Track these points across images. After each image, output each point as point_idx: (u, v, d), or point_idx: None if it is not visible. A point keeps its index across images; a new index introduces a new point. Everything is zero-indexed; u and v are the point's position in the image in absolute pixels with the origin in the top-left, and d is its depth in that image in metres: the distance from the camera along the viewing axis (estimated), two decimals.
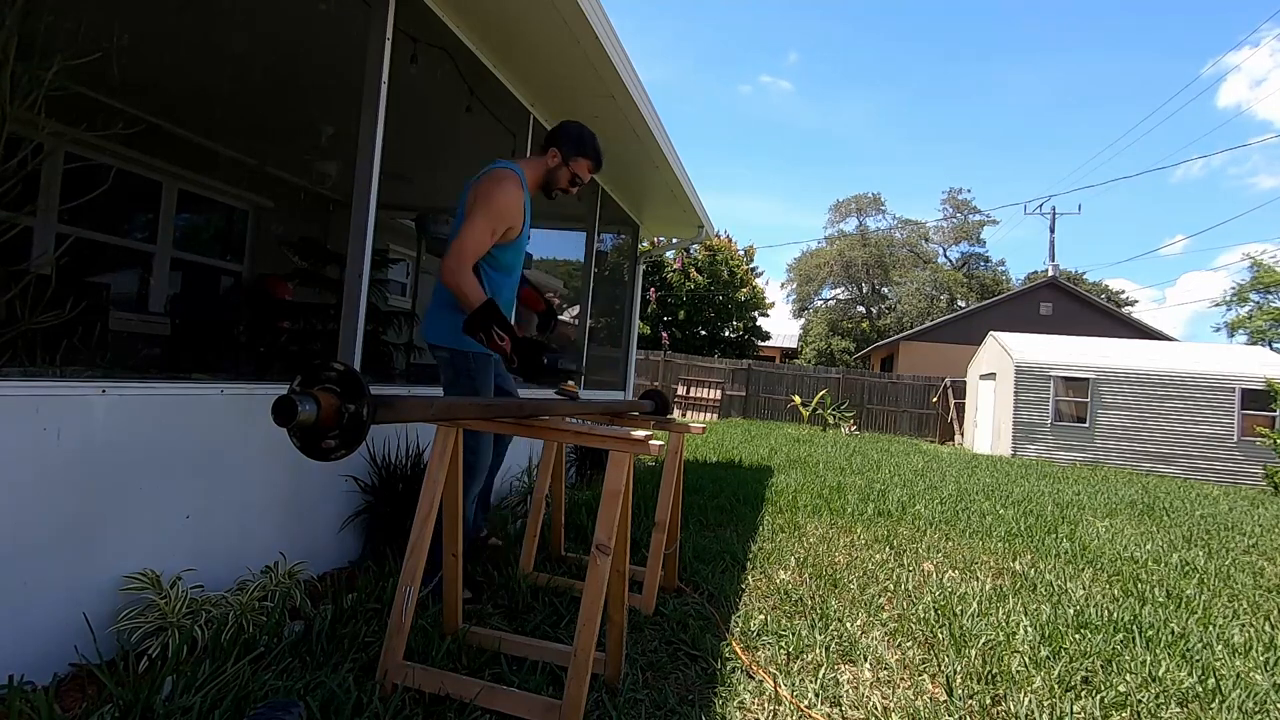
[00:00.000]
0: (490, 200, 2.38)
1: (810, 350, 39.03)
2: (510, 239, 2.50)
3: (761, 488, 5.93)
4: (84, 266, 5.04)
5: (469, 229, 2.34)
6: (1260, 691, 2.35)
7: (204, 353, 5.32)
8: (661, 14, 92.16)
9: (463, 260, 2.31)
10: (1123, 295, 39.50)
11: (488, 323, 2.26)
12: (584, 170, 2.63)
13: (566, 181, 2.61)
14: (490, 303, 2.27)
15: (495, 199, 2.38)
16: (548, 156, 2.59)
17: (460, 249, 2.32)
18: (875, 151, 78.71)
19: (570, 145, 2.58)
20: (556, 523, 3.21)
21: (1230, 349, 16.72)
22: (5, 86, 1.76)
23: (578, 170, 2.61)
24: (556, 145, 2.58)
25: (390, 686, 1.82)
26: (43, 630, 1.74)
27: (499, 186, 2.40)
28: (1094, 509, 6.75)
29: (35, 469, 1.71)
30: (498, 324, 2.26)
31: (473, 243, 2.34)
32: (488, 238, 2.39)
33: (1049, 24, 71.82)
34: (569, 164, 2.59)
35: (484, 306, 2.26)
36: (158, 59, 4.18)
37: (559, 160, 2.58)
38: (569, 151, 2.58)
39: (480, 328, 2.28)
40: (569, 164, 2.59)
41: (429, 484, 1.96)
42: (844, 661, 2.37)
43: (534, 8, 3.23)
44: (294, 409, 1.16)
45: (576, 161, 2.60)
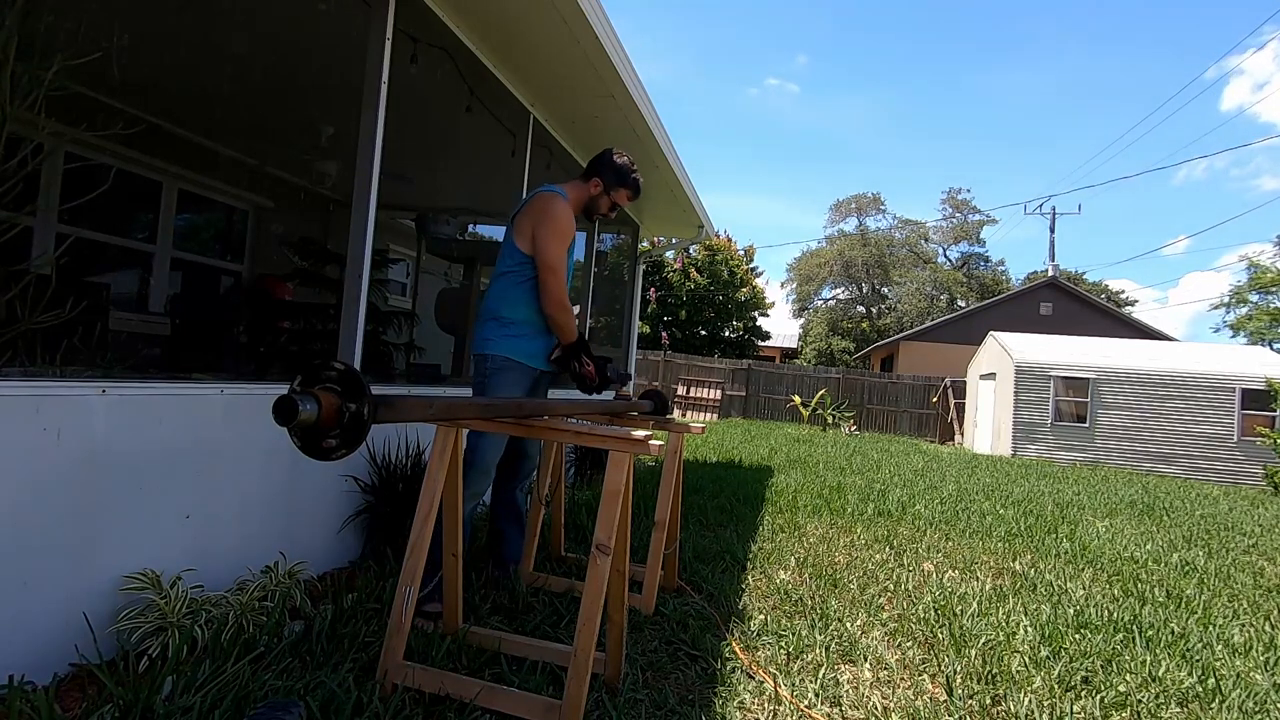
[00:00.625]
0: (554, 219, 2.55)
1: (810, 350, 39.03)
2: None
3: (761, 488, 5.93)
4: (84, 266, 5.04)
5: (547, 251, 2.52)
6: (1260, 691, 2.35)
7: (204, 353, 5.32)
8: (661, 14, 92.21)
9: (560, 282, 2.54)
10: (1123, 295, 39.51)
11: (580, 352, 2.59)
12: (624, 199, 2.83)
13: (607, 208, 2.81)
14: (583, 338, 2.62)
15: (558, 216, 2.56)
16: (590, 185, 2.77)
17: (553, 274, 2.53)
18: (875, 151, 78.76)
19: (613, 176, 2.77)
20: (556, 523, 3.21)
21: (1230, 349, 16.72)
22: (5, 86, 1.76)
23: (618, 200, 2.81)
24: (600, 175, 2.76)
25: (390, 686, 1.82)
26: (43, 630, 1.74)
27: (556, 205, 2.57)
28: (1094, 509, 6.75)
29: (35, 469, 1.71)
30: (586, 353, 2.62)
31: (557, 263, 2.54)
32: (563, 254, 2.57)
33: (1049, 24, 71.85)
34: (610, 193, 2.78)
35: (581, 339, 2.61)
36: (158, 59, 4.18)
37: (600, 189, 2.77)
38: (611, 181, 2.77)
39: (575, 357, 2.60)
40: (610, 193, 2.78)
41: (429, 484, 1.96)
42: (844, 661, 2.37)
43: (534, 8, 3.23)
44: (295, 409, 1.16)
45: (618, 191, 2.80)
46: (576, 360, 2.61)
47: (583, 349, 2.63)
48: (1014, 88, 74.85)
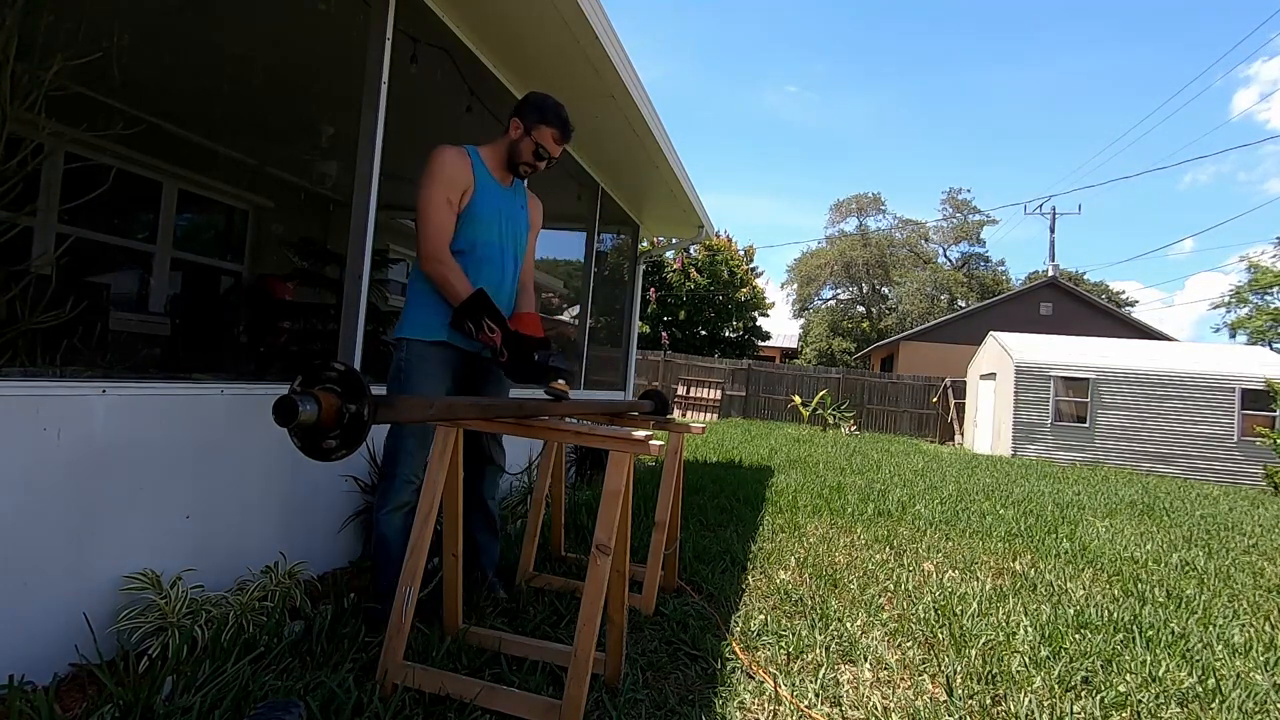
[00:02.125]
0: (428, 173, 2.24)
1: (810, 350, 39.04)
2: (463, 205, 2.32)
3: (761, 488, 5.93)
4: (84, 266, 5.04)
5: (417, 197, 2.22)
6: (1260, 691, 2.35)
7: (204, 353, 5.32)
8: (661, 14, 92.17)
9: (431, 240, 2.19)
10: (1123, 295, 39.52)
11: (478, 313, 2.12)
12: (549, 140, 2.41)
13: (530, 154, 2.40)
14: (481, 292, 2.15)
15: (431, 167, 2.25)
16: (510, 129, 2.41)
17: (422, 220, 2.18)
18: (875, 151, 78.77)
19: (531, 113, 2.39)
20: (556, 523, 3.21)
21: (1230, 349, 16.71)
22: (5, 86, 1.76)
23: (541, 140, 2.39)
24: (517, 115, 2.41)
25: (390, 686, 1.82)
26: (43, 630, 1.74)
27: (431, 157, 2.27)
28: (1094, 509, 6.75)
29: (35, 469, 1.71)
30: (489, 314, 2.13)
31: (433, 217, 2.20)
32: (445, 208, 2.23)
33: (1049, 24, 71.85)
34: (531, 133, 2.39)
35: (476, 295, 2.13)
36: (158, 59, 4.18)
37: (520, 131, 2.39)
38: (530, 119, 2.38)
39: (469, 317, 2.12)
40: (531, 133, 2.39)
41: (429, 484, 1.96)
42: (844, 661, 2.37)
43: (534, 8, 3.23)
44: (295, 409, 1.16)
45: (539, 130, 2.39)
46: (472, 323, 2.14)
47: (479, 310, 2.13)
48: (1014, 87, 74.89)
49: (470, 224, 2.33)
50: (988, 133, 77.77)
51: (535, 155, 2.41)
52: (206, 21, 3.84)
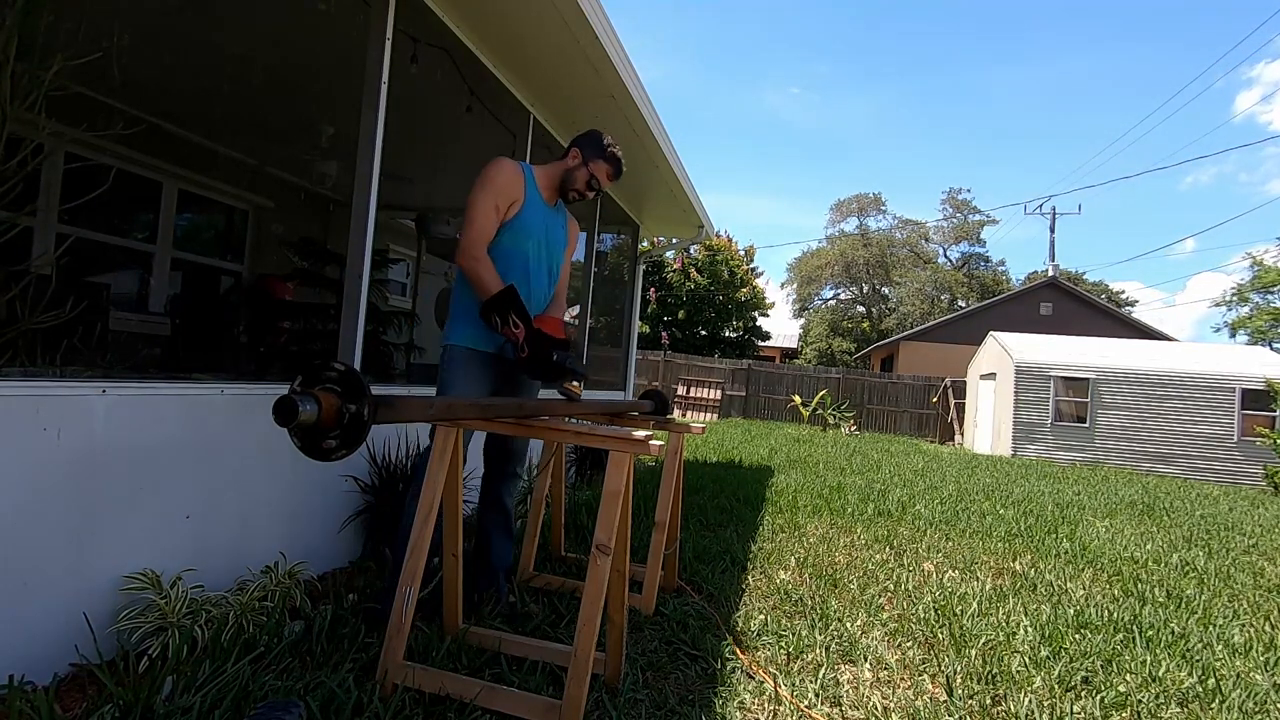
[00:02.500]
0: (484, 179, 2.36)
1: (810, 350, 39.04)
2: (511, 214, 2.43)
3: (761, 488, 5.93)
4: (84, 266, 5.04)
5: (469, 209, 2.34)
6: (1260, 691, 2.35)
7: (204, 353, 5.32)
8: (661, 14, 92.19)
9: (472, 239, 2.31)
10: (1123, 295, 39.51)
11: (505, 308, 2.21)
12: (603, 174, 2.59)
13: (584, 184, 2.57)
14: (512, 288, 2.24)
15: (489, 175, 2.37)
16: (568, 157, 2.58)
17: (468, 224, 2.32)
18: (875, 151, 78.78)
19: (592, 147, 2.57)
20: (556, 523, 3.21)
21: (1230, 349, 16.71)
22: (5, 86, 1.76)
23: (596, 173, 2.57)
24: (578, 146, 2.57)
25: (390, 686, 1.82)
26: (43, 630, 1.74)
27: (490, 166, 2.39)
28: (1094, 509, 6.75)
29: (35, 469, 1.71)
30: (515, 310, 2.22)
31: (479, 220, 2.32)
32: (491, 214, 2.35)
33: (1049, 24, 71.85)
34: (588, 165, 2.56)
35: (506, 291, 2.23)
36: (158, 59, 4.18)
37: (579, 161, 2.56)
38: (590, 153, 2.56)
39: (497, 311, 2.23)
40: (588, 165, 2.56)
41: (429, 484, 1.96)
42: (844, 661, 2.37)
43: (534, 7, 3.23)
44: (295, 409, 1.16)
45: (596, 164, 2.57)
46: (499, 316, 2.23)
47: (507, 305, 2.23)
48: (1014, 87, 74.91)
49: (514, 233, 2.45)
50: (988, 133, 77.82)
51: (588, 185, 2.58)
52: (206, 21, 3.84)
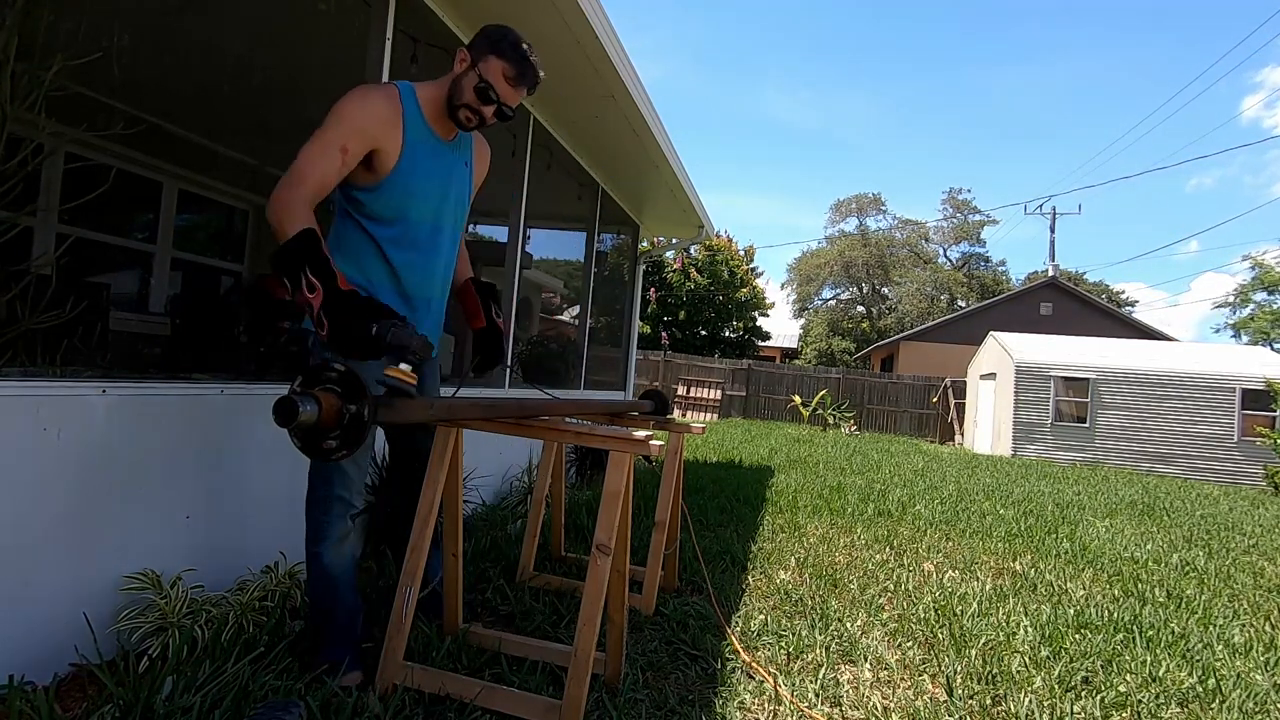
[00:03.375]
0: (331, 111, 1.76)
1: (810, 350, 39.04)
2: (380, 172, 1.83)
3: (762, 488, 5.93)
4: (84, 266, 5.04)
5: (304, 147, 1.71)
6: (1260, 691, 2.35)
7: (204, 353, 5.32)
8: (661, 14, 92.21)
9: (287, 180, 1.66)
10: (1123, 295, 39.52)
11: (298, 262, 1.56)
12: (497, 76, 1.85)
13: (473, 92, 1.85)
14: (310, 233, 1.58)
15: (337, 106, 1.77)
16: (455, 62, 1.91)
17: (291, 175, 1.67)
18: (875, 151, 78.82)
19: (482, 43, 1.88)
20: (556, 523, 3.21)
21: (1230, 349, 16.72)
22: (5, 86, 1.76)
23: (488, 75, 1.84)
24: (467, 47, 1.90)
25: (390, 686, 1.82)
26: (43, 630, 1.74)
27: (348, 95, 1.79)
28: (1094, 509, 6.75)
29: (35, 469, 1.71)
30: (312, 266, 1.55)
31: (306, 160, 1.68)
32: (334, 155, 1.72)
33: (1049, 24, 71.89)
34: (478, 66, 1.85)
35: (299, 236, 1.57)
36: (158, 59, 4.18)
37: (467, 63, 1.87)
38: (478, 51, 1.87)
39: (287, 269, 1.57)
40: (478, 66, 1.85)
41: (429, 485, 1.96)
42: (844, 661, 2.37)
43: (534, 8, 3.23)
44: (295, 410, 1.16)
45: (488, 62, 1.85)
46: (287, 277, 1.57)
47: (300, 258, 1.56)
48: (1015, 87, 74.95)
49: (397, 193, 1.86)
50: (988, 133, 77.86)
51: (480, 96, 1.85)
52: (206, 21, 3.84)
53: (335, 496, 1.89)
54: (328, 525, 1.90)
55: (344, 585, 1.95)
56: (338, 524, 1.91)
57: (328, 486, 1.89)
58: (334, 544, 1.91)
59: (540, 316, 8.55)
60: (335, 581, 1.93)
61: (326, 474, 1.89)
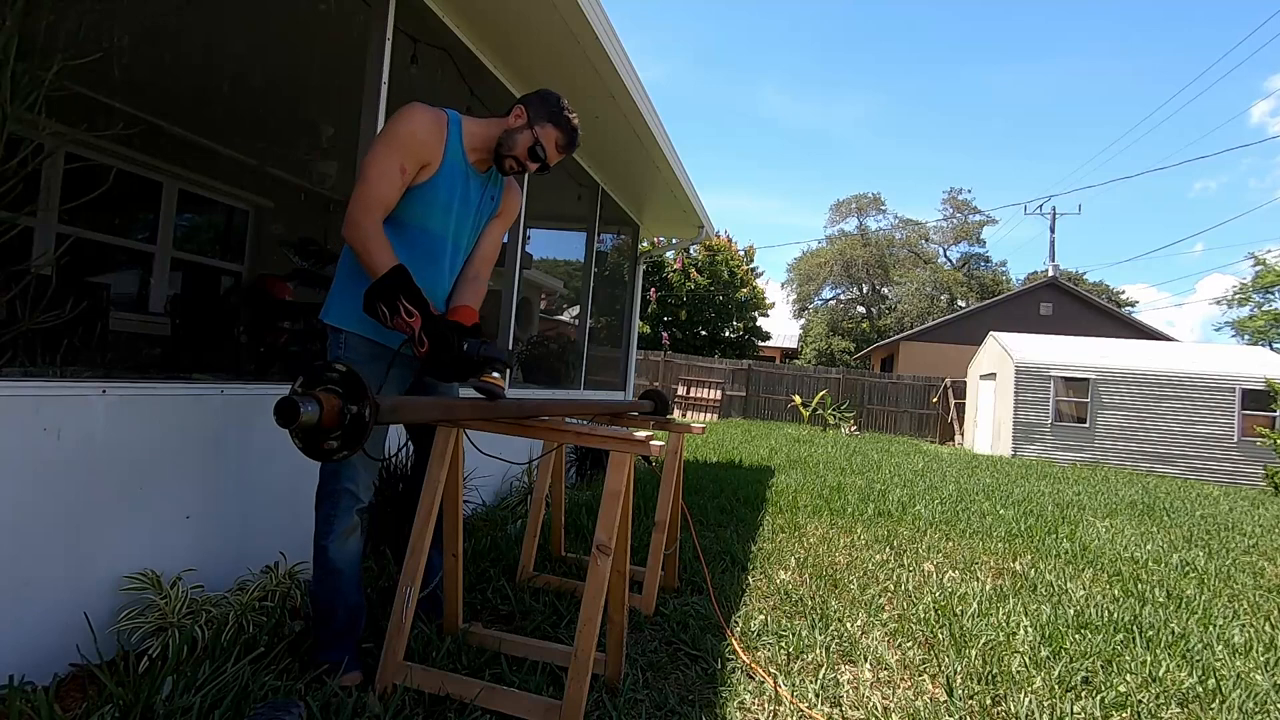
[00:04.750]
0: (391, 132, 1.89)
1: (810, 350, 39.04)
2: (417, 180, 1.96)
3: (762, 488, 5.93)
4: (84, 266, 5.04)
5: (366, 166, 1.86)
6: (1260, 691, 2.35)
7: (204, 353, 5.32)
8: (661, 13, 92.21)
9: (363, 204, 1.82)
10: (1123, 296, 39.52)
11: (393, 293, 1.74)
12: (550, 142, 2.08)
13: (525, 150, 2.04)
14: (401, 268, 1.78)
15: (396, 128, 1.89)
16: (510, 115, 2.08)
17: (358, 195, 1.83)
18: (875, 151, 78.83)
19: (540, 108, 2.06)
20: (556, 523, 3.21)
21: (1230, 349, 16.73)
22: (5, 86, 1.75)
23: (543, 138, 2.06)
24: (524, 104, 2.08)
25: (390, 687, 1.82)
26: (43, 630, 1.74)
27: (401, 115, 1.92)
28: (1094, 509, 6.75)
29: (35, 469, 1.71)
30: (406, 295, 1.75)
31: (374, 181, 1.84)
32: (395, 176, 1.88)
33: (1050, 24, 71.89)
34: (534, 128, 2.05)
35: (393, 272, 1.75)
36: (158, 59, 4.18)
37: (523, 122, 2.05)
38: (537, 114, 2.06)
39: (383, 298, 1.75)
40: (534, 128, 2.05)
41: (429, 485, 1.96)
42: (844, 661, 2.37)
43: (534, 7, 3.23)
44: (296, 410, 1.16)
45: (543, 128, 2.06)
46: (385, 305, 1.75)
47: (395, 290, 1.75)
48: (1015, 87, 74.97)
49: (420, 204, 1.99)
50: (988, 132, 77.87)
51: (530, 154, 2.06)
52: (206, 21, 3.84)
53: (343, 490, 1.95)
54: (335, 519, 1.95)
55: (347, 582, 1.97)
56: (344, 517, 1.95)
57: (336, 480, 1.95)
58: (339, 538, 1.95)
59: (540, 316, 8.55)
60: (339, 577, 1.96)
61: (335, 468, 1.95)
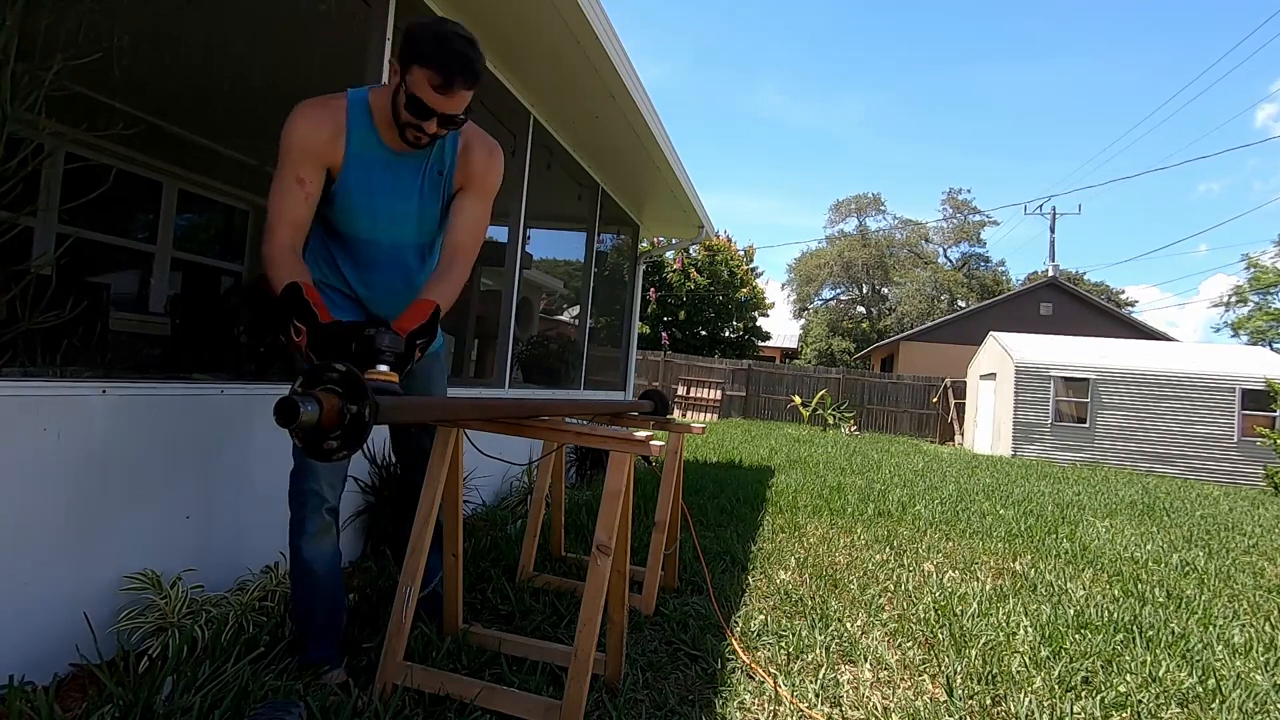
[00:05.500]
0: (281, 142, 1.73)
1: (810, 350, 39.06)
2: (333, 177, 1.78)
3: (762, 488, 5.93)
4: (84, 266, 5.04)
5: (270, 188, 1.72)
6: (1260, 691, 2.35)
7: (204, 353, 5.32)
8: (661, 13, 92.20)
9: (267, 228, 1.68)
10: (1123, 296, 39.52)
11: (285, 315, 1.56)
12: (423, 87, 1.61)
13: (406, 107, 1.65)
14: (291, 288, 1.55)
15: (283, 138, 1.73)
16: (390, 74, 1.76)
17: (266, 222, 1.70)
18: (875, 151, 78.83)
19: (406, 50, 1.62)
20: (556, 523, 3.21)
21: (1230, 349, 16.73)
22: (5, 86, 1.75)
23: (414, 89, 1.62)
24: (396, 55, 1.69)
25: (390, 687, 1.82)
26: (43, 630, 1.74)
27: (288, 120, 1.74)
28: (1094, 509, 6.75)
29: (35, 469, 1.71)
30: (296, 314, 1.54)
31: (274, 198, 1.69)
32: (294, 186, 1.69)
33: (1050, 24, 71.89)
34: (406, 77, 1.63)
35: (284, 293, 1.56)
36: (158, 59, 4.18)
37: (397, 76, 1.66)
38: (405, 59, 1.63)
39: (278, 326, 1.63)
40: (406, 77, 1.63)
41: (429, 485, 1.96)
42: (844, 661, 2.37)
43: (534, 7, 3.23)
44: (296, 410, 1.16)
45: (411, 74, 1.61)
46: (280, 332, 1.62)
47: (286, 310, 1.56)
48: (1014, 88, 74.96)
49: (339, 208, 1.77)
50: (988, 133, 77.87)
51: (413, 111, 1.65)
52: (206, 21, 3.84)
53: (308, 490, 1.88)
54: (304, 519, 1.89)
55: (324, 581, 1.94)
56: (313, 518, 1.89)
57: (299, 480, 1.89)
58: (311, 538, 1.90)
59: (540, 316, 8.55)
60: (315, 577, 1.92)
61: (299, 468, 1.89)
